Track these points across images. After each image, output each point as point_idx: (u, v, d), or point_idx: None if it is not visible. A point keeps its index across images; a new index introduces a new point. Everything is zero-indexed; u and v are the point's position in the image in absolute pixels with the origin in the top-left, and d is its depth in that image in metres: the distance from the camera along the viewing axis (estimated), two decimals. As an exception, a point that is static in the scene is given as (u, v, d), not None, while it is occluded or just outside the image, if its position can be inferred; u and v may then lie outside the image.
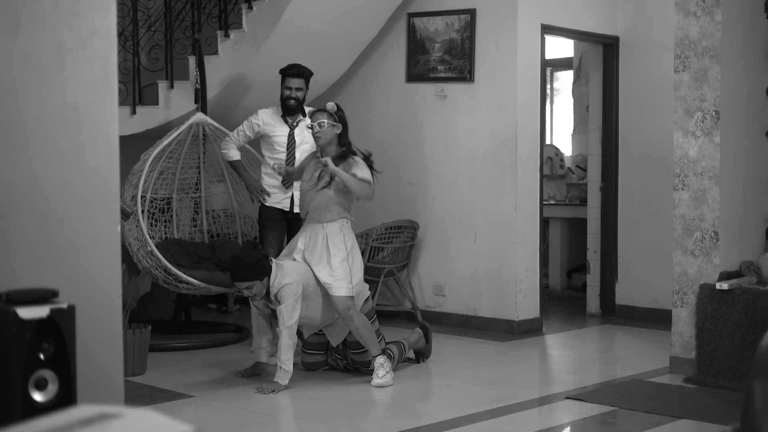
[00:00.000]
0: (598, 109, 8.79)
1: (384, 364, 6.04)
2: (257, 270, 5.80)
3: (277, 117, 6.94)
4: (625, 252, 8.67)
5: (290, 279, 5.81)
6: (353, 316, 6.00)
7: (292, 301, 5.76)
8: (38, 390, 3.05)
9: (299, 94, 6.89)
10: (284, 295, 5.77)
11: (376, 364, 6.04)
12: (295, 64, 6.93)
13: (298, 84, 6.89)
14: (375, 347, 6.09)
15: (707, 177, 6.27)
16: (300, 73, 6.90)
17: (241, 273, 5.82)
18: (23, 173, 3.25)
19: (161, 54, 8.15)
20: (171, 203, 7.68)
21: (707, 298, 6.15)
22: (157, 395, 5.76)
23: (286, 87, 6.90)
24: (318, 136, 6.06)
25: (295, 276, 5.84)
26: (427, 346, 6.71)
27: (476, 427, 5.15)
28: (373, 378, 6.00)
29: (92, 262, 3.42)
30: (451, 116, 8.18)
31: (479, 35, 8.00)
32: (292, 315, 5.76)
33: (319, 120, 6.04)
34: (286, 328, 5.74)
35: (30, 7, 3.24)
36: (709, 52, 6.26)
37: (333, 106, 6.11)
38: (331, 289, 5.95)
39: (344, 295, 5.96)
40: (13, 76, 3.22)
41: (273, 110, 6.98)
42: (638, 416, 5.35)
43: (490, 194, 7.95)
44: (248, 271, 5.79)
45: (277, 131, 6.92)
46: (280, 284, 5.80)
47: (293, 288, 5.79)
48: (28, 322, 3.00)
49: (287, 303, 5.75)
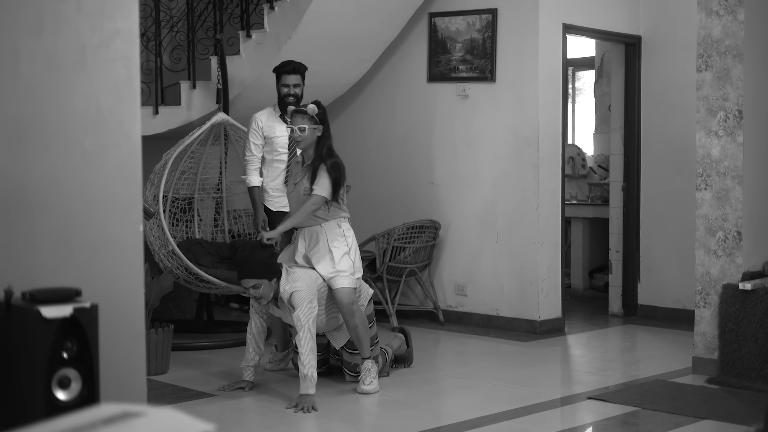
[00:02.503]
0: (620, 109, 8.76)
1: (371, 369, 5.87)
2: (265, 267, 5.64)
3: (274, 117, 6.80)
4: (648, 252, 8.63)
5: (301, 285, 5.61)
6: (355, 311, 5.82)
7: (307, 304, 5.56)
8: (61, 389, 3.06)
9: (297, 91, 6.75)
10: (298, 300, 5.58)
11: (363, 369, 5.88)
12: (290, 61, 6.82)
13: (295, 80, 6.75)
14: (367, 349, 5.90)
15: (730, 177, 6.23)
16: (296, 69, 6.77)
17: (248, 269, 5.64)
18: (46, 173, 3.27)
19: (183, 54, 8.18)
20: (192, 203, 7.70)
21: (730, 298, 6.12)
22: (179, 394, 5.78)
23: (283, 84, 6.76)
24: (299, 141, 5.82)
25: (307, 281, 5.65)
26: (408, 351, 6.57)
27: (498, 427, 5.14)
28: (360, 384, 5.86)
29: (115, 262, 3.44)
30: (472, 116, 8.17)
31: (501, 35, 7.99)
32: (309, 316, 5.56)
33: (300, 125, 5.78)
34: (305, 330, 5.54)
35: (53, 8, 3.26)
36: (731, 51, 6.22)
37: (314, 108, 5.81)
38: (335, 282, 5.77)
39: (348, 286, 5.79)
40: (37, 77, 3.24)
41: (269, 111, 6.84)
42: (660, 417, 5.32)
43: (511, 194, 7.94)
44: (256, 267, 5.62)
45: (277, 132, 6.75)
46: (292, 289, 5.61)
47: (304, 294, 5.59)
48: (51, 321, 3.02)
49: (303, 306, 5.55)
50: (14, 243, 3.20)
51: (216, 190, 7.82)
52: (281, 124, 6.70)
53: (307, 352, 5.53)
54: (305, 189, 5.79)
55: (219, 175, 7.80)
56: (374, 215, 8.64)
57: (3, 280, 3.13)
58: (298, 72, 6.79)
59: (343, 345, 6.05)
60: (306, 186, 5.79)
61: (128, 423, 1.59)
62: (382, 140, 8.73)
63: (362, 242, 8.12)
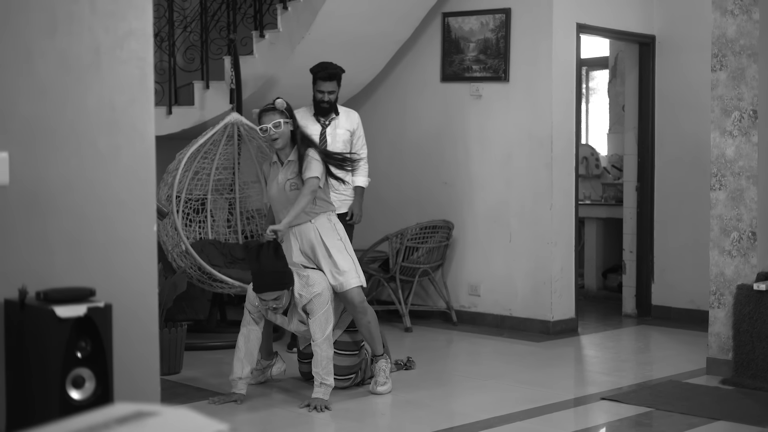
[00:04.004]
0: (634, 109, 8.74)
1: (385, 368, 5.74)
2: (286, 277, 5.41)
3: (309, 116, 6.87)
4: (662, 252, 8.61)
5: (319, 288, 5.47)
6: (367, 308, 5.69)
7: (326, 309, 5.45)
8: (75, 388, 3.07)
9: (331, 97, 6.82)
10: (317, 305, 5.44)
11: (376, 368, 5.75)
12: (326, 65, 6.83)
13: (330, 87, 6.80)
14: (379, 346, 5.78)
15: (744, 177, 6.21)
16: (331, 75, 6.79)
17: (269, 282, 5.35)
18: (60, 173, 3.28)
19: (197, 54, 8.19)
20: (206, 203, 7.71)
21: (744, 299, 6.10)
22: (192, 394, 5.79)
23: (318, 90, 6.82)
24: (276, 138, 5.61)
25: (324, 284, 5.51)
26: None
27: (511, 427, 5.13)
28: (374, 385, 5.74)
29: (129, 262, 3.45)
30: (486, 116, 8.16)
31: (514, 35, 7.97)
32: (329, 323, 5.45)
33: (275, 120, 5.58)
34: (325, 339, 5.42)
35: (67, 8, 3.27)
36: (746, 50, 6.20)
37: (282, 102, 5.65)
38: (342, 285, 5.59)
39: (356, 286, 5.63)
40: (51, 77, 3.25)
41: (305, 110, 6.91)
42: (674, 418, 5.31)
43: (525, 194, 7.93)
44: (274, 279, 5.35)
45: (310, 130, 6.81)
46: (311, 294, 5.44)
47: (324, 297, 5.46)
48: (65, 321, 3.02)
49: (323, 311, 5.43)
50: (28, 243, 3.21)
51: (229, 190, 7.83)
52: (314, 123, 6.84)
53: (327, 360, 5.43)
54: (291, 183, 5.60)
55: (232, 176, 7.81)
56: (387, 215, 8.64)
57: (17, 279, 3.14)
58: (333, 78, 6.80)
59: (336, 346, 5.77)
60: (291, 179, 5.60)
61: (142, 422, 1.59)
62: (396, 140, 8.73)
63: (375, 242, 8.13)
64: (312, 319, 5.45)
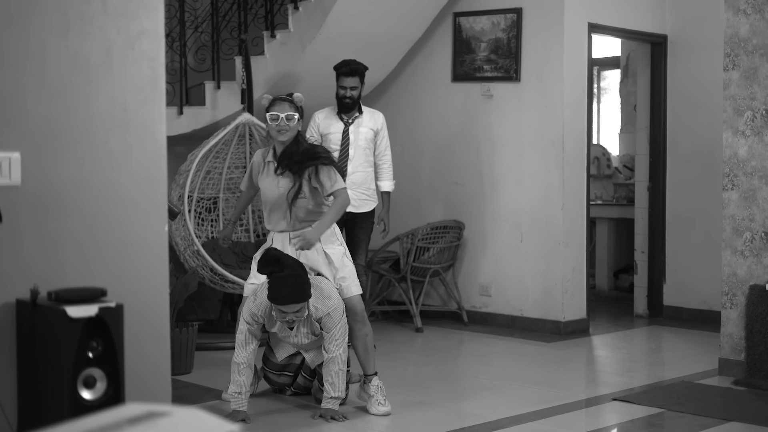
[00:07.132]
0: (645, 109, 8.72)
1: (381, 387, 5.42)
2: (307, 287, 5.01)
3: (332, 115, 6.88)
4: (673, 252, 8.59)
5: (336, 301, 5.15)
6: (366, 319, 5.43)
7: (342, 320, 5.17)
8: (87, 388, 3.08)
9: (354, 93, 6.79)
10: (335, 318, 5.13)
11: (372, 387, 5.41)
12: (349, 61, 6.82)
13: (353, 83, 6.78)
14: (372, 363, 5.46)
15: (757, 177, 6.19)
16: (354, 71, 6.78)
17: (294, 293, 4.96)
18: (72, 173, 3.29)
19: (208, 55, 8.20)
20: (217, 203, 7.72)
21: (757, 299, 6.08)
22: (203, 394, 5.79)
23: (340, 86, 6.80)
24: (285, 131, 5.25)
25: (336, 294, 5.21)
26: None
27: (523, 428, 5.12)
28: (374, 405, 5.38)
29: (140, 262, 3.45)
30: (497, 116, 8.15)
31: (525, 34, 7.96)
32: (346, 335, 5.18)
33: (288, 113, 5.24)
34: (343, 352, 5.17)
35: (79, 9, 3.27)
36: (759, 50, 6.18)
37: (301, 97, 5.36)
38: (343, 292, 5.29)
39: (357, 293, 5.38)
40: (63, 78, 3.26)
41: (329, 109, 6.92)
42: (686, 418, 5.29)
43: (536, 194, 7.91)
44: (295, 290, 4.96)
45: (332, 129, 6.84)
46: (328, 308, 5.13)
47: (340, 309, 5.17)
48: (77, 321, 3.03)
49: (341, 324, 5.15)
50: (40, 243, 3.22)
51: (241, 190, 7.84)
52: (337, 121, 6.84)
53: (342, 373, 5.22)
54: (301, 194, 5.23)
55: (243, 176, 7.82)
56: (398, 215, 8.62)
57: (29, 279, 3.15)
58: (356, 74, 6.78)
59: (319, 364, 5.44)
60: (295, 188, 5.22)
61: (153, 423, 1.59)
62: (406, 140, 8.72)
63: (386, 242, 8.12)
64: (330, 334, 5.16)
